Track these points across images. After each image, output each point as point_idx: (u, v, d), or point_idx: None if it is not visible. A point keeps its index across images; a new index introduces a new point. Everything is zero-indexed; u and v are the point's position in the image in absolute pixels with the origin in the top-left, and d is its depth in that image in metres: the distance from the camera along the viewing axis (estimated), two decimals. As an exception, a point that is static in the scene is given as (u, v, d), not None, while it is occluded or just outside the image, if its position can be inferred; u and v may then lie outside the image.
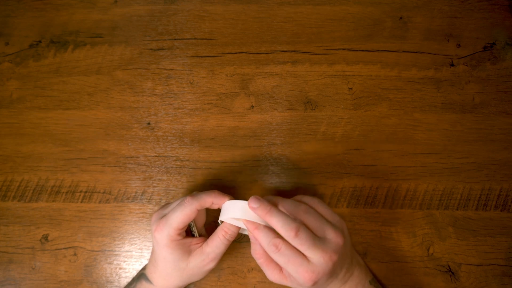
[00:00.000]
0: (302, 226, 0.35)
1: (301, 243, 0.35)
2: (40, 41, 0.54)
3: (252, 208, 0.36)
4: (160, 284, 0.40)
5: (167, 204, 0.42)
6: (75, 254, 0.47)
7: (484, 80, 0.50)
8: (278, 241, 0.35)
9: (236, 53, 0.52)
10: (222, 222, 0.40)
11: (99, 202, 0.49)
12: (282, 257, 0.35)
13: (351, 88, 0.50)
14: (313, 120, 0.50)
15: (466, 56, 0.51)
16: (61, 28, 0.54)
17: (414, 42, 0.51)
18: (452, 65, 0.51)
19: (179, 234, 0.39)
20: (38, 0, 0.55)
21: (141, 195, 0.49)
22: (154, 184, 0.49)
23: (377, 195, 0.48)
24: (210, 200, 0.39)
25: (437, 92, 0.50)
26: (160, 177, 0.49)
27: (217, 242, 0.39)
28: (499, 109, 0.49)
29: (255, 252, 0.38)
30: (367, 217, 0.47)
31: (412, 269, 0.46)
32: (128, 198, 0.49)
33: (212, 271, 0.46)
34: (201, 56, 0.52)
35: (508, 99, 0.49)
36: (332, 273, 0.36)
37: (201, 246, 0.40)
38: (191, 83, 0.52)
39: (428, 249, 0.46)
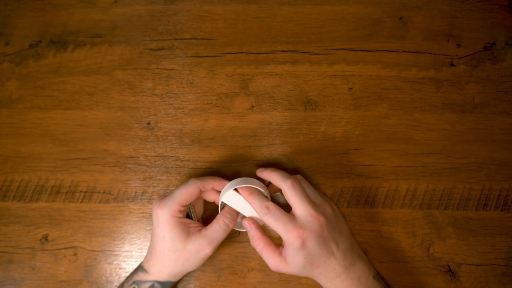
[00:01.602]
0: (297, 181, 0.40)
1: (295, 193, 0.39)
2: (40, 41, 0.54)
3: (258, 172, 0.43)
4: (155, 272, 0.41)
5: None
6: (75, 254, 0.47)
7: (484, 80, 0.50)
8: (269, 204, 0.40)
9: (236, 53, 0.52)
10: (222, 205, 0.42)
11: (99, 202, 0.49)
12: (272, 217, 0.38)
13: (351, 88, 0.50)
14: (313, 120, 0.50)
15: (466, 56, 0.51)
16: (61, 28, 0.54)
17: (414, 42, 0.51)
18: (452, 65, 0.51)
19: (180, 211, 0.40)
20: (38, 0, 0.55)
21: (141, 195, 0.49)
22: (154, 184, 0.49)
23: (377, 195, 0.48)
24: (212, 182, 0.42)
25: (437, 92, 0.50)
26: (160, 177, 0.49)
27: (216, 227, 0.41)
28: (499, 109, 0.49)
29: (254, 238, 0.41)
30: (367, 217, 0.47)
31: (412, 269, 0.46)
32: (128, 198, 0.49)
33: (212, 271, 0.46)
34: (201, 56, 0.52)
35: (508, 99, 0.49)
36: (322, 238, 0.38)
37: (199, 229, 0.41)
38: (191, 83, 0.52)
39: (428, 249, 0.46)
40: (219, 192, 0.43)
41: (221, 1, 0.54)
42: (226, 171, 0.49)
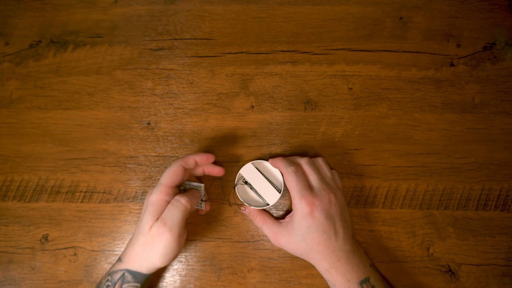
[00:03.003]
0: (299, 170, 0.43)
1: (312, 169, 0.43)
2: (40, 41, 0.54)
3: (273, 161, 0.45)
4: (127, 259, 0.40)
5: None
6: (75, 254, 0.47)
7: (484, 80, 0.50)
8: (297, 167, 0.42)
9: (236, 53, 0.52)
10: (239, 177, 0.46)
11: (99, 202, 0.49)
12: (295, 177, 0.41)
13: (351, 88, 0.50)
14: (313, 120, 0.50)
15: (466, 56, 0.51)
16: (61, 28, 0.54)
17: (414, 42, 0.51)
18: (452, 65, 0.51)
19: (167, 194, 0.40)
20: (38, 0, 0.55)
21: (141, 195, 0.49)
22: (154, 184, 0.49)
23: (377, 195, 0.48)
24: (193, 157, 0.43)
25: (437, 92, 0.50)
26: (160, 177, 0.49)
27: (170, 207, 0.39)
28: (499, 109, 0.49)
29: (254, 216, 0.45)
30: (367, 217, 0.47)
31: (412, 269, 0.46)
32: (128, 198, 0.49)
33: (212, 271, 0.46)
34: (201, 56, 0.52)
35: (508, 99, 0.49)
36: (329, 214, 0.40)
37: None
38: (191, 83, 0.52)
39: (428, 249, 0.46)
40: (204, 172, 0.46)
41: (221, 1, 0.54)
42: (226, 171, 0.49)
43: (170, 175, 0.41)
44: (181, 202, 0.39)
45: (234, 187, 0.46)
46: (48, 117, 0.51)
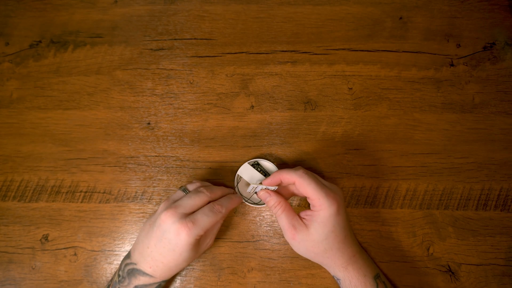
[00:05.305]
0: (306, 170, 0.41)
1: (309, 179, 0.39)
2: (40, 41, 0.54)
3: (275, 177, 0.42)
4: (162, 275, 0.41)
5: (173, 196, 0.42)
6: (75, 254, 0.47)
7: (484, 80, 0.50)
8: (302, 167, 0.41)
9: (236, 53, 0.52)
10: (238, 177, 0.46)
11: (99, 202, 0.49)
12: (309, 176, 0.39)
13: (351, 88, 0.50)
14: (313, 120, 0.50)
15: (466, 56, 0.51)
16: (61, 28, 0.54)
17: (414, 42, 0.51)
18: (452, 65, 0.51)
19: (202, 236, 0.41)
20: (38, 0, 0.55)
21: (141, 195, 0.49)
22: (154, 184, 0.49)
23: (377, 195, 0.48)
24: (235, 204, 0.43)
25: (437, 92, 0.50)
26: (160, 177, 0.49)
27: (205, 219, 0.41)
28: (499, 109, 0.49)
29: (275, 204, 0.41)
30: (367, 217, 0.47)
31: (412, 269, 0.46)
32: (128, 198, 0.49)
33: (212, 271, 0.46)
34: (201, 56, 0.52)
35: (508, 99, 0.49)
36: (346, 211, 0.40)
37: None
38: (191, 83, 0.52)
39: (428, 249, 0.46)
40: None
41: (221, 1, 0.54)
42: (226, 171, 0.49)
43: (210, 224, 0.40)
44: (217, 211, 0.41)
45: (235, 188, 0.46)
46: (48, 117, 0.51)
